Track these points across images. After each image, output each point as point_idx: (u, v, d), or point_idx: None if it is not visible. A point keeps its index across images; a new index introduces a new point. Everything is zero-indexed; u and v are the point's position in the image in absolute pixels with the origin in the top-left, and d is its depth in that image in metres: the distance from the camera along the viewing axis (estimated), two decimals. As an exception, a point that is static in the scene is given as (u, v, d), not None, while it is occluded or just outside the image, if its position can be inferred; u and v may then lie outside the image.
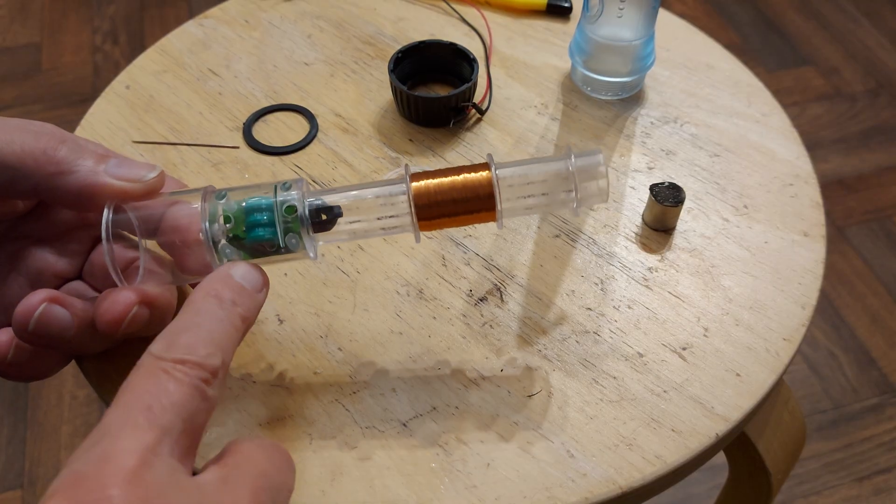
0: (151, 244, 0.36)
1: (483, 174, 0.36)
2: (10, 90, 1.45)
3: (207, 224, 0.35)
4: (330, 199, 0.35)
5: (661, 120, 0.53)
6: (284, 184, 0.36)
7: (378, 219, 0.36)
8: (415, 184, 0.36)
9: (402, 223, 0.36)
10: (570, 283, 0.44)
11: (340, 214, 0.35)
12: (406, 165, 0.39)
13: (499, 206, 0.36)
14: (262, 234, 0.35)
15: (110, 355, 0.40)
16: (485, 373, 0.40)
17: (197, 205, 0.35)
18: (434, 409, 0.39)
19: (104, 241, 0.34)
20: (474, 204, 0.36)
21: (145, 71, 0.56)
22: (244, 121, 0.52)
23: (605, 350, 0.41)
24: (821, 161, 1.32)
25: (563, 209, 0.38)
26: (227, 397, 0.39)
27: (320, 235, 0.36)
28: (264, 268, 0.35)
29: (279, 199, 0.35)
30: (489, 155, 0.37)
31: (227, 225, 0.35)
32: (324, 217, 0.35)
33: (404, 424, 0.38)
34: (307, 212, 0.35)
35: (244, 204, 0.35)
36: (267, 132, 0.52)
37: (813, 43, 1.54)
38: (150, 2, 1.62)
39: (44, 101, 1.43)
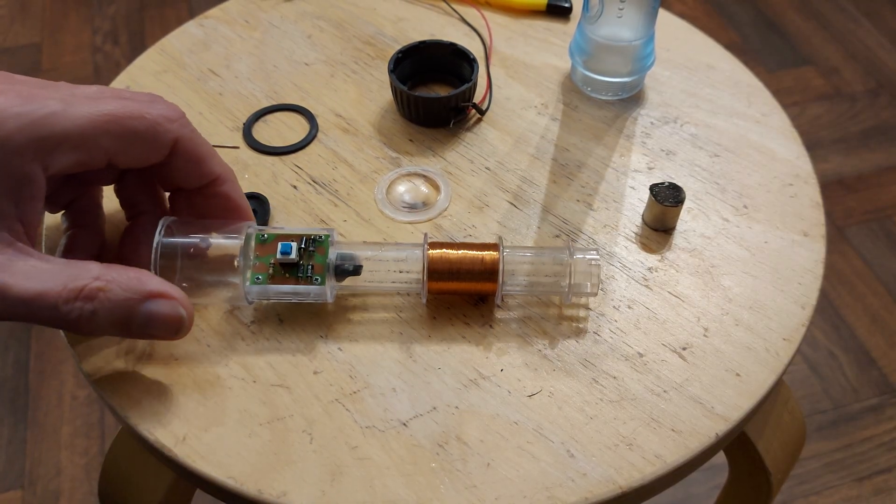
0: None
1: (492, 253, 0.41)
2: (11, 90, 1.45)
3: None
4: (356, 253, 0.41)
5: (661, 120, 0.53)
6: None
7: (392, 280, 0.41)
8: (431, 251, 0.40)
9: (413, 282, 0.41)
10: (570, 283, 0.44)
11: (361, 268, 0.40)
12: (426, 234, 0.42)
13: (500, 282, 0.40)
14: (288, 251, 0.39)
15: (110, 357, 0.40)
16: (485, 373, 0.40)
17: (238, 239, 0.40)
18: (434, 409, 0.39)
19: (153, 261, 0.38)
20: (479, 276, 0.41)
21: (145, 71, 0.56)
22: (244, 121, 0.52)
23: (605, 350, 0.41)
24: (821, 161, 1.32)
25: (556, 295, 0.43)
26: (228, 397, 0.39)
27: (339, 282, 0.41)
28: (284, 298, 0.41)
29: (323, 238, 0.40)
30: (500, 237, 0.42)
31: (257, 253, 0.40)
32: (348, 266, 0.40)
33: (404, 424, 0.38)
34: (335, 259, 0.40)
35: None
36: (267, 132, 0.52)
37: (813, 43, 1.54)
38: (151, 2, 1.62)
39: (44, 102, 1.43)
